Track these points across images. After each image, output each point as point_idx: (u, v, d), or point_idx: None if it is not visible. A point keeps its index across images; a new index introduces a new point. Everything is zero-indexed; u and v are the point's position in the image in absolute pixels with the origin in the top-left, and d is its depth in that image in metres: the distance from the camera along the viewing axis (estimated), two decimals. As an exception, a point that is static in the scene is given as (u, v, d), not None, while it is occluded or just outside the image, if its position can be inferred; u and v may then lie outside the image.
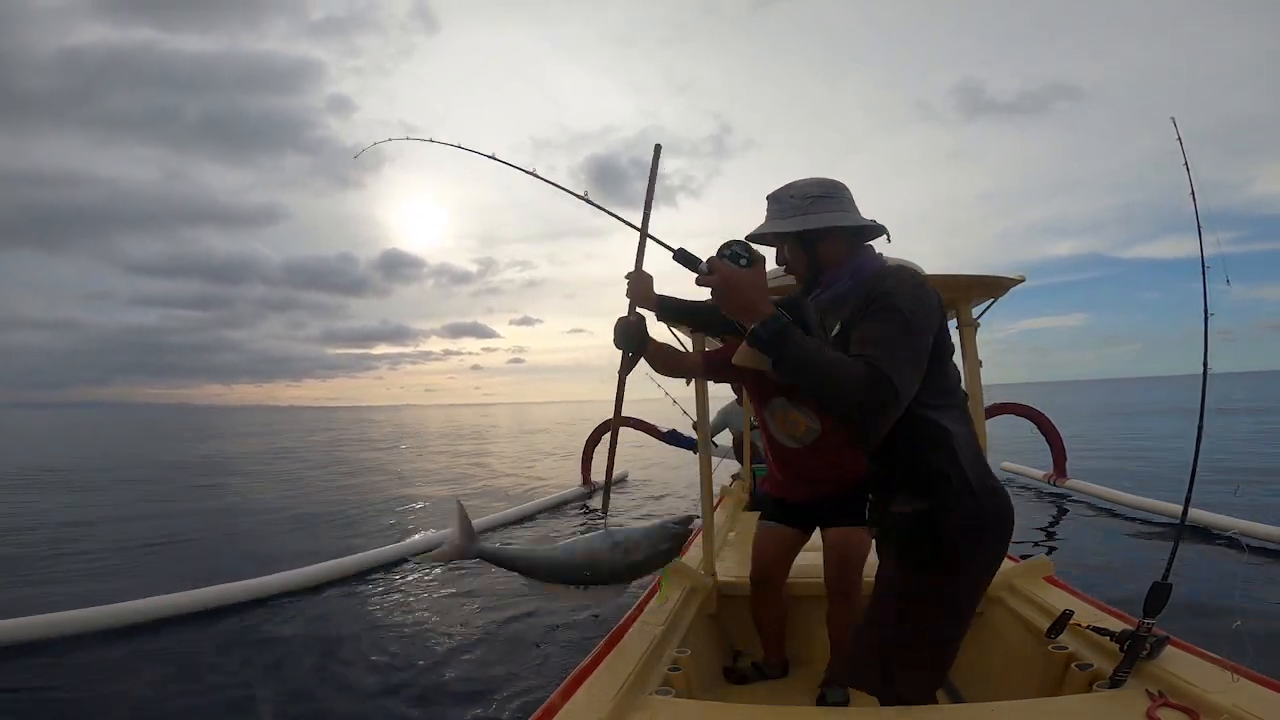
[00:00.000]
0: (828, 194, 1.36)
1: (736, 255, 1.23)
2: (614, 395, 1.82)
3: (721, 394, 6.31)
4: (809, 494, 2.17)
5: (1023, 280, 2.44)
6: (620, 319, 1.78)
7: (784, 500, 2.25)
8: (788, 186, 1.41)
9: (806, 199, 1.36)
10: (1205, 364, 1.49)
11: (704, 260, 1.24)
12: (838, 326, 1.34)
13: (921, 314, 1.21)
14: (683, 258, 1.31)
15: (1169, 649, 1.42)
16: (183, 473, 13.78)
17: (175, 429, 39.74)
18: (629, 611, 1.96)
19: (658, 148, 1.96)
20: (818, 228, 1.34)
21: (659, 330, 2.43)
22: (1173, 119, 1.61)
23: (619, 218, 1.75)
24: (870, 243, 1.42)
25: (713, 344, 2.83)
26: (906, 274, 1.31)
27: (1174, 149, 1.57)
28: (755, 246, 1.28)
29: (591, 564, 1.57)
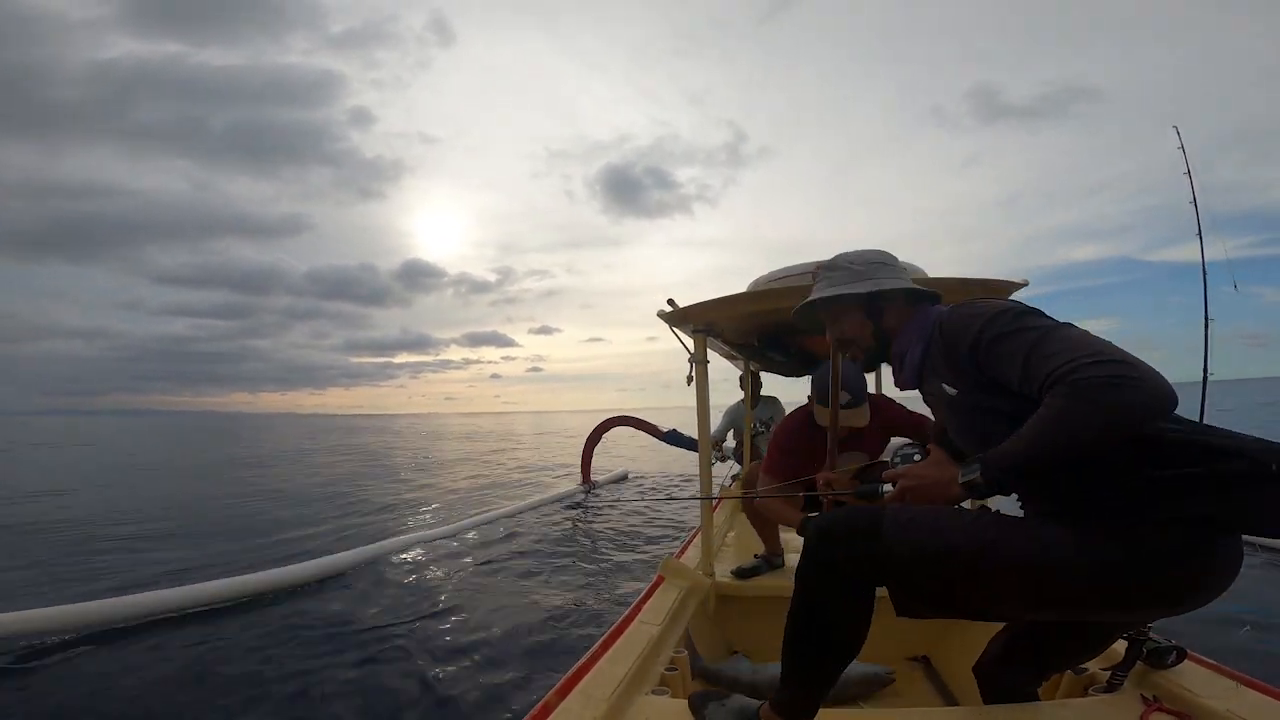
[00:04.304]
0: (887, 262, 1.38)
1: (908, 456, 1.24)
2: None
3: (723, 393, 6.28)
4: None
5: (1026, 284, 2.42)
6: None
7: None
8: (842, 256, 1.41)
9: (870, 265, 1.37)
10: (1205, 364, 1.49)
11: (881, 484, 1.24)
12: (952, 391, 1.20)
13: (1015, 311, 1.11)
14: (864, 495, 1.31)
15: (1170, 656, 1.41)
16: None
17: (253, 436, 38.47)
18: (626, 611, 1.96)
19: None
20: (888, 289, 1.32)
21: (673, 345, 2.49)
22: (1175, 128, 1.61)
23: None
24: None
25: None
26: (966, 305, 1.22)
27: (1195, 150, 1.55)
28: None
29: None
